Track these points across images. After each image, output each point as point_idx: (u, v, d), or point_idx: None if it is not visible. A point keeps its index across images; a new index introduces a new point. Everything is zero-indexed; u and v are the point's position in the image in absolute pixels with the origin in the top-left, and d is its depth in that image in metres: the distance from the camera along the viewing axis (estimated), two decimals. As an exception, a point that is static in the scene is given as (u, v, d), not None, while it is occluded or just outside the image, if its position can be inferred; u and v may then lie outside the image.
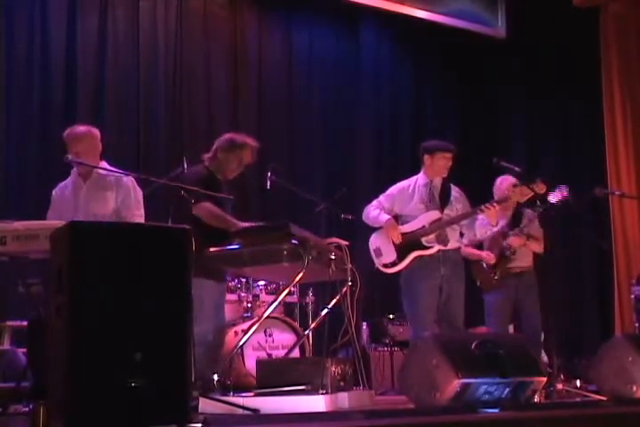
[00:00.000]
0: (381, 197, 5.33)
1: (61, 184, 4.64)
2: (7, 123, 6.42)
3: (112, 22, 7.00)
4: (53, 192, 4.63)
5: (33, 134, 6.52)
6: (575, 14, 8.54)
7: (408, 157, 8.40)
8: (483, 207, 5.13)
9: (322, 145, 8.03)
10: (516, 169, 5.09)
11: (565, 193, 5.08)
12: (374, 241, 5.30)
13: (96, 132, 4.58)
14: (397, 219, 5.26)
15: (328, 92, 8.18)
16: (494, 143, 8.87)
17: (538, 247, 5.72)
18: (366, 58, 8.45)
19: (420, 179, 5.29)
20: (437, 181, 5.27)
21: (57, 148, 6.11)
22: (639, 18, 8.72)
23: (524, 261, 5.67)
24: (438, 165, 5.22)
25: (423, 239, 5.13)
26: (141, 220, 4.47)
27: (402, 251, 5.17)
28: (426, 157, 5.26)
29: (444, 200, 5.24)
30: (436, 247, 5.12)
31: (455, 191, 5.35)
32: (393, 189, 5.34)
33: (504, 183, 5.66)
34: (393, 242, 5.18)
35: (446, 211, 5.21)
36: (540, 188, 5.05)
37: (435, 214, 5.17)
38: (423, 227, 5.15)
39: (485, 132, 8.93)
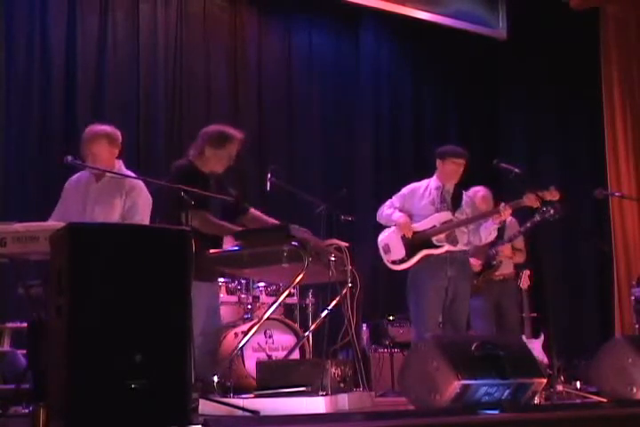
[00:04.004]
0: (393, 198, 5.38)
1: (75, 177, 4.51)
2: (7, 123, 6.41)
3: (112, 23, 7.00)
4: (67, 184, 4.51)
5: (33, 135, 6.51)
6: (575, 15, 8.53)
7: (408, 157, 8.42)
8: (500, 208, 5.15)
9: (322, 145, 8.03)
10: (516, 170, 5.09)
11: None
12: (384, 238, 5.33)
13: (112, 132, 4.44)
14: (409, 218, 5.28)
15: (328, 92, 8.18)
16: (494, 143, 8.87)
17: (521, 258, 6.01)
18: (366, 58, 8.45)
19: (432, 182, 5.34)
20: (450, 186, 5.31)
21: (57, 148, 6.15)
22: (638, 19, 8.72)
23: (506, 268, 5.88)
24: (448, 169, 5.27)
25: (433, 238, 5.17)
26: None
27: (411, 248, 5.19)
28: (438, 161, 5.32)
29: (455, 204, 5.28)
30: (446, 247, 5.15)
31: (466, 196, 5.42)
32: (405, 190, 5.39)
33: (478, 195, 5.80)
34: (403, 239, 5.20)
35: (456, 214, 5.25)
36: (554, 195, 5.07)
37: (446, 215, 5.21)
38: (434, 227, 5.18)
39: (485, 133, 8.93)
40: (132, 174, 4.45)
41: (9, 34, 6.53)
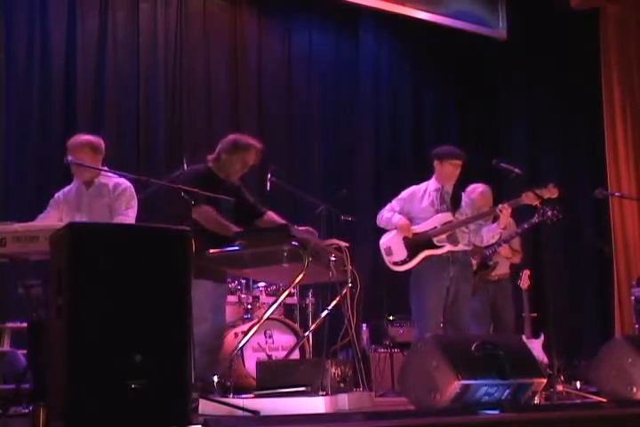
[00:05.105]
0: (393, 201, 5.40)
1: (65, 189, 4.68)
2: (7, 123, 6.42)
3: (112, 23, 7.01)
4: (56, 195, 4.66)
5: (32, 135, 6.52)
6: (575, 15, 8.54)
7: (408, 157, 8.42)
8: (500, 208, 5.16)
9: (322, 145, 8.03)
10: (516, 170, 5.08)
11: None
12: (386, 241, 5.34)
13: (95, 141, 4.59)
14: (409, 221, 5.29)
15: (328, 92, 8.18)
16: (494, 144, 8.87)
17: (517, 259, 6.07)
18: (366, 58, 8.45)
19: (431, 184, 5.34)
20: (449, 187, 5.32)
21: (56, 149, 6.14)
22: (638, 19, 8.72)
23: (502, 268, 5.93)
24: (446, 171, 5.27)
25: (434, 239, 5.18)
26: (130, 221, 4.51)
27: (413, 250, 5.20)
28: (435, 162, 5.32)
29: (455, 205, 5.29)
30: (447, 247, 5.16)
31: (466, 197, 5.43)
32: (404, 193, 5.40)
33: (477, 191, 5.80)
34: (404, 241, 5.20)
35: (456, 215, 5.26)
36: (552, 192, 5.07)
37: (447, 216, 5.22)
38: (435, 228, 5.19)
39: (485, 133, 8.93)
40: (125, 175, 4.51)
41: (9, 34, 6.54)
